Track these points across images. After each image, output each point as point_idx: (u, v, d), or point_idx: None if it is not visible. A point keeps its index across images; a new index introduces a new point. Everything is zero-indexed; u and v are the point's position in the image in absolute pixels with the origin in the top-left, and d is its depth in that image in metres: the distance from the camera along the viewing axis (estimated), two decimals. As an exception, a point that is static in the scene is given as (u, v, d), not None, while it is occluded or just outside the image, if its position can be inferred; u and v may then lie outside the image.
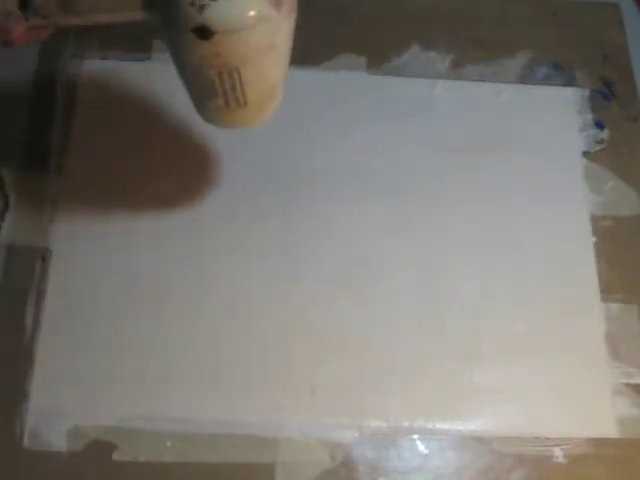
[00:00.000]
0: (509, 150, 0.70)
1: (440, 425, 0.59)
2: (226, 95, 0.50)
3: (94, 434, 0.57)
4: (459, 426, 0.59)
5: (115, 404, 0.58)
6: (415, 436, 0.59)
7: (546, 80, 0.74)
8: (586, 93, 0.73)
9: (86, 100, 0.69)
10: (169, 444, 0.57)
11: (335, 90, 0.71)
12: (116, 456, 0.56)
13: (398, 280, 0.64)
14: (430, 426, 0.59)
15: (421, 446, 0.58)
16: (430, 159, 0.69)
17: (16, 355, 0.59)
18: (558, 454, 0.59)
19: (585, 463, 0.58)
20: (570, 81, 0.74)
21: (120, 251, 0.63)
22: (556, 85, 0.73)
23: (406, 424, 0.59)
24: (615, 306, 0.64)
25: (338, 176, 0.67)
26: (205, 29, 0.45)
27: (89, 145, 0.67)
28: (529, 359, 0.62)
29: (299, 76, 0.71)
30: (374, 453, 0.58)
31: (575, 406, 0.60)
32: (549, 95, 0.73)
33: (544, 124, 0.71)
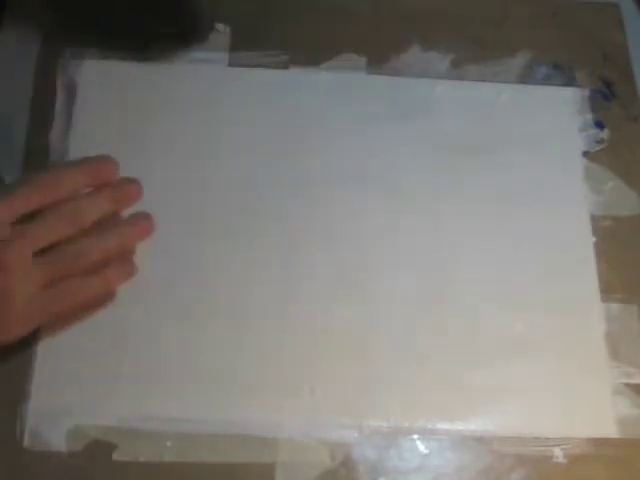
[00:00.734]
0: (509, 150, 0.70)
1: (440, 425, 0.59)
2: None
3: (94, 434, 0.57)
4: (459, 426, 0.59)
5: (115, 404, 0.58)
6: (415, 436, 0.59)
7: (546, 80, 0.74)
8: (586, 93, 0.73)
9: (86, 100, 0.69)
10: (169, 444, 0.57)
11: (335, 90, 0.71)
12: (116, 456, 0.56)
13: (398, 280, 0.64)
14: (430, 426, 0.59)
15: (421, 446, 0.58)
16: (430, 159, 0.69)
17: (16, 355, 0.59)
18: (558, 454, 0.59)
19: (585, 463, 0.58)
20: (570, 81, 0.74)
21: (120, 251, 0.63)
22: (556, 85, 0.73)
23: (406, 424, 0.59)
24: (615, 306, 0.64)
25: (337, 176, 0.67)
26: None
27: (89, 145, 0.67)
28: (529, 359, 0.62)
29: (299, 76, 0.71)
30: (374, 453, 0.58)
31: (575, 406, 0.60)
32: (549, 95, 0.73)
33: (544, 124, 0.71)
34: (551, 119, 0.72)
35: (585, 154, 0.70)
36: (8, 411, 0.57)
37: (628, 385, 0.61)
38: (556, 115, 0.72)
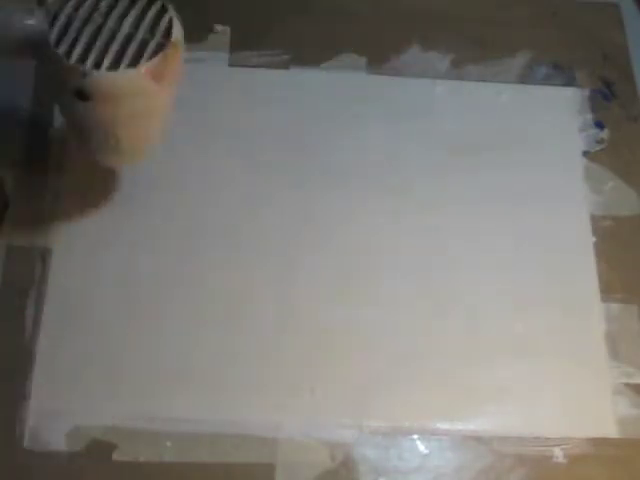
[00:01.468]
0: (509, 150, 0.70)
1: (440, 425, 0.59)
2: (103, 144, 0.53)
3: (94, 434, 0.57)
4: (459, 426, 0.59)
5: (115, 404, 0.58)
6: (415, 436, 0.59)
7: (546, 80, 0.74)
8: (586, 93, 0.73)
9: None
10: (169, 444, 0.57)
11: (335, 90, 0.71)
12: (116, 456, 0.56)
13: (398, 280, 0.64)
14: (430, 426, 0.59)
15: (421, 446, 0.58)
16: (430, 159, 0.69)
17: (16, 355, 0.59)
18: (558, 454, 0.59)
19: (585, 463, 0.58)
20: (570, 81, 0.74)
21: (120, 251, 0.63)
22: (556, 85, 0.73)
23: (406, 424, 0.59)
24: (615, 306, 0.64)
25: (337, 176, 0.67)
26: (84, 92, 0.47)
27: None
28: (529, 359, 0.62)
29: (299, 76, 0.71)
30: (374, 453, 0.58)
31: (575, 406, 0.60)
32: (549, 95, 0.73)
33: (544, 124, 0.71)
34: (551, 119, 0.72)
35: (585, 154, 0.70)
36: (8, 411, 0.57)
37: (628, 385, 0.61)
38: (556, 115, 0.72)
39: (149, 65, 0.47)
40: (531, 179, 0.69)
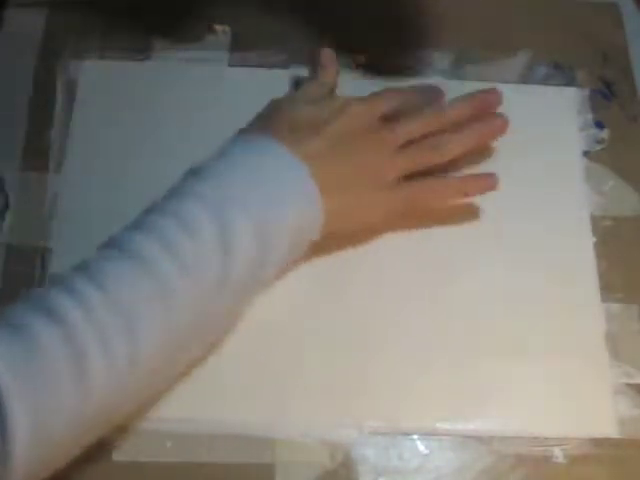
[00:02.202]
0: (509, 150, 0.69)
1: (440, 425, 0.59)
2: None
3: (94, 434, 0.56)
4: (459, 426, 0.59)
5: (115, 404, 0.58)
6: (415, 436, 0.59)
7: (546, 80, 0.74)
8: (586, 93, 0.73)
9: (86, 100, 0.69)
10: (169, 444, 0.57)
11: (335, 90, 0.71)
12: (116, 456, 0.56)
13: (398, 280, 0.64)
14: (430, 426, 0.59)
15: (421, 446, 0.58)
16: (430, 159, 0.69)
17: (16, 355, 0.59)
18: (558, 454, 0.59)
19: (585, 463, 0.58)
20: (570, 81, 0.74)
21: (120, 251, 0.63)
22: (556, 85, 0.74)
23: (406, 424, 0.59)
24: (615, 306, 0.64)
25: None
26: None
27: (89, 145, 0.67)
28: (529, 359, 0.61)
29: (299, 76, 0.71)
30: (374, 453, 0.58)
31: (575, 406, 0.60)
32: (549, 95, 0.73)
33: (544, 124, 0.71)
34: (551, 119, 0.72)
35: (585, 154, 0.70)
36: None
37: (628, 385, 0.61)
38: (556, 115, 0.72)
39: None
40: (531, 179, 0.69)
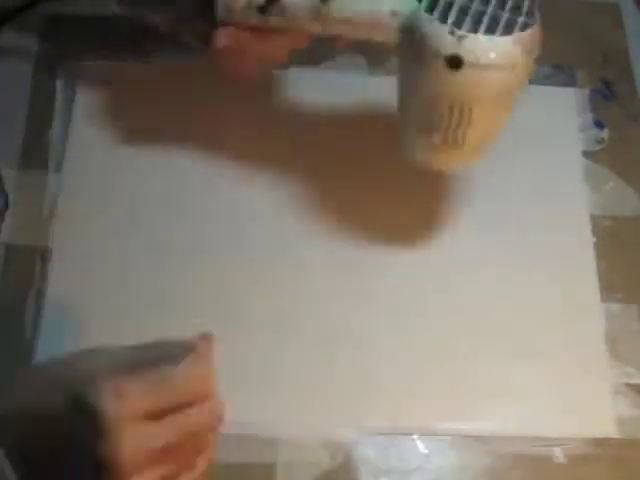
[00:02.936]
0: (509, 150, 0.69)
1: (440, 425, 0.59)
2: (447, 132, 0.52)
3: (94, 434, 0.56)
4: (459, 426, 0.59)
5: (115, 404, 0.58)
6: (415, 436, 0.59)
7: (546, 80, 0.74)
8: (586, 93, 0.73)
9: (85, 100, 0.69)
10: (169, 444, 0.57)
11: (335, 90, 0.71)
12: (116, 456, 0.56)
13: (398, 279, 0.64)
14: (430, 426, 0.59)
15: (421, 446, 0.58)
16: (430, 159, 0.69)
17: (16, 355, 0.59)
18: (558, 454, 0.59)
19: (585, 463, 0.58)
20: (570, 81, 0.74)
21: (120, 250, 0.63)
22: (556, 85, 0.73)
23: (406, 424, 0.59)
24: (615, 306, 0.64)
25: (337, 175, 0.67)
26: (458, 59, 0.47)
27: (88, 144, 0.67)
28: (529, 359, 0.61)
29: (299, 76, 0.71)
30: (374, 453, 0.58)
31: (575, 406, 0.60)
32: (549, 95, 0.73)
33: (544, 124, 0.71)
34: (551, 119, 0.72)
35: (585, 154, 0.70)
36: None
37: (628, 385, 0.61)
38: (556, 115, 0.72)
39: (523, 35, 0.49)
40: (531, 179, 0.69)
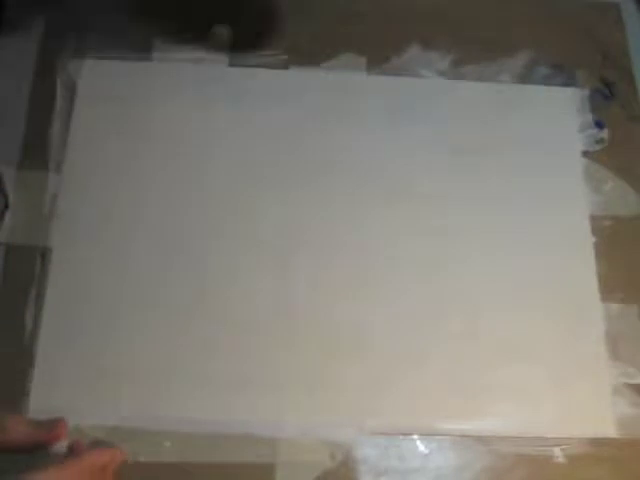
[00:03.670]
0: (509, 150, 0.70)
1: (440, 425, 0.59)
2: None
3: (94, 434, 0.56)
4: (459, 426, 0.59)
5: (115, 404, 0.58)
6: (415, 436, 0.59)
7: (546, 80, 0.74)
8: (586, 93, 0.73)
9: (85, 99, 0.69)
10: (169, 444, 0.57)
11: (335, 90, 0.71)
12: (116, 456, 0.56)
13: (398, 280, 0.64)
14: (430, 426, 0.59)
15: (421, 446, 0.58)
16: (430, 159, 0.69)
17: (16, 355, 0.59)
18: (558, 454, 0.59)
19: (585, 463, 0.58)
20: (570, 81, 0.74)
21: (120, 250, 0.63)
22: (556, 85, 0.73)
23: (406, 424, 0.59)
24: (615, 306, 0.64)
25: (337, 176, 0.67)
26: None
27: (88, 144, 0.67)
28: (529, 359, 0.62)
29: (299, 76, 0.71)
30: (374, 453, 0.58)
31: (575, 406, 0.60)
32: (549, 95, 0.73)
33: (544, 124, 0.71)
34: (551, 119, 0.72)
35: (585, 154, 0.70)
36: (8, 411, 0.57)
37: (628, 385, 0.61)
38: (556, 115, 0.72)
39: None
40: (531, 179, 0.69)
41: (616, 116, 0.72)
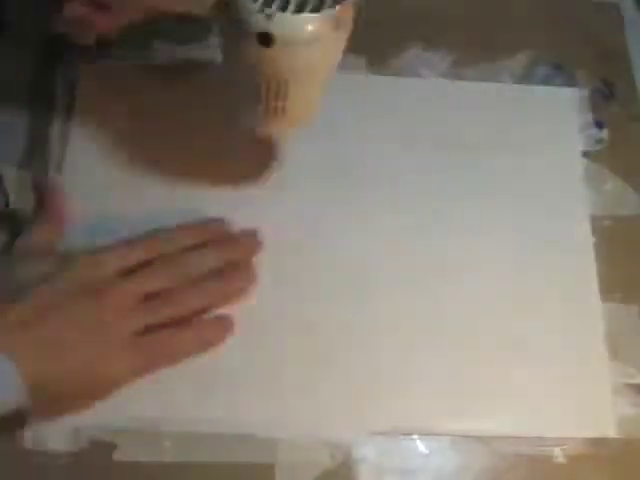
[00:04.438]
0: (509, 150, 0.70)
1: (440, 425, 0.59)
2: (268, 103, 0.54)
3: (94, 434, 0.56)
4: (459, 426, 0.59)
5: (115, 404, 0.58)
6: (415, 436, 0.59)
7: (546, 80, 0.74)
8: (586, 93, 0.73)
9: (85, 100, 0.69)
10: (169, 444, 0.57)
11: (335, 90, 0.71)
12: (116, 456, 0.56)
13: (398, 280, 0.64)
14: (430, 426, 0.59)
15: (421, 446, 0.58)
16: (430, 159, 0.69)
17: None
18: (558, 454, 0.59)
19: (585, 463, 0.58)
20: (570, 81, 0.74)
21: (120, 251, 0.63)
22: (556, 85, 0.74)
23: (406, 424, 0.59)
24: (615, 306, 0.64)
25: (337, 176, 0.67)
26: (267, 36, 0.49)
27: (88, 144, 0.67)
28: (529, 359, 0.62)
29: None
30: (374, 453, 0.58)
31: (575, 406, 0.60)
32: (549, 95, 0.73)
33: (544, 124, 0.71)
34: (551, 119, 0.72)
35: (585, 154, 0.70)
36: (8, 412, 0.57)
37: (628, 385, 0.61)
38: (556, 115, 0.72)
39: (331, 12, 0.50)
40: (531, 179, 0.69)
41: (616, 116, 0.72)
